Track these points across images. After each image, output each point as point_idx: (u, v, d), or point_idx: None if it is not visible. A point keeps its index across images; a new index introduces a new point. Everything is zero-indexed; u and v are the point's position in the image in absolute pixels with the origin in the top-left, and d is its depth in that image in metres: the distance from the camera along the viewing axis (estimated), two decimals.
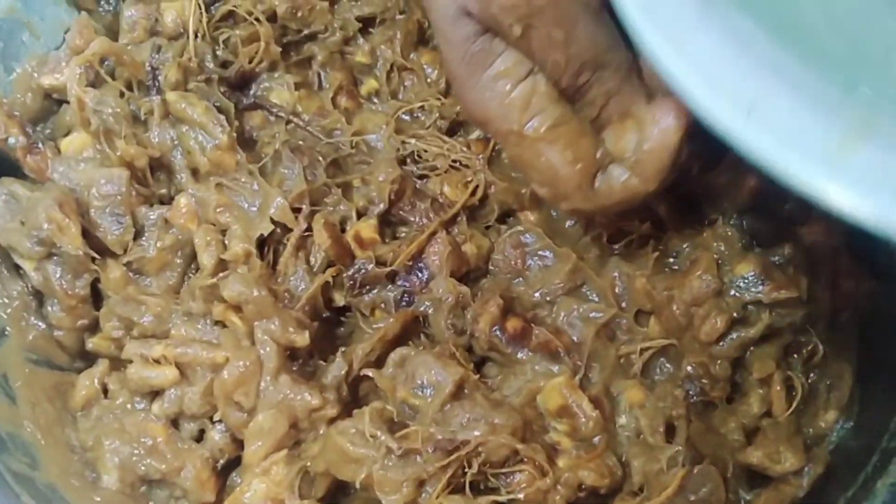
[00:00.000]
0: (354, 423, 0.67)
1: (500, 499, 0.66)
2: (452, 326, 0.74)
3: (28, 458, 0.72)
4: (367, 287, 0.76)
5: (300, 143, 0.81)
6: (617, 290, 0.76)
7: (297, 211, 0.77)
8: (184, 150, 0.79)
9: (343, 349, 0.73)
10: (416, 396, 0.68)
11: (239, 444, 0.69)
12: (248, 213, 0.78)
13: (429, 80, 0.85)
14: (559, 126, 0.62)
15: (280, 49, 0.85)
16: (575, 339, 0.74)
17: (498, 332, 0.73)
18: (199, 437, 0.73)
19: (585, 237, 0.80)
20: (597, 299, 0.76)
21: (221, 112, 0.79)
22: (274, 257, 0.77)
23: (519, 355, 0.73)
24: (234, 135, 0.78)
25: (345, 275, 0.76)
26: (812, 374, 0.80)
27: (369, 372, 0.71)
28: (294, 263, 0.76)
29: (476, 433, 0.65)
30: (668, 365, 0.76)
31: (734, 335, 0.74)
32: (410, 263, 0.76)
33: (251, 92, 0.85)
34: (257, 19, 0.84)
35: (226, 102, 0.81)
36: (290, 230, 0.76)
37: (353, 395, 0.73)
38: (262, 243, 0.76)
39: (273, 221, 0.76)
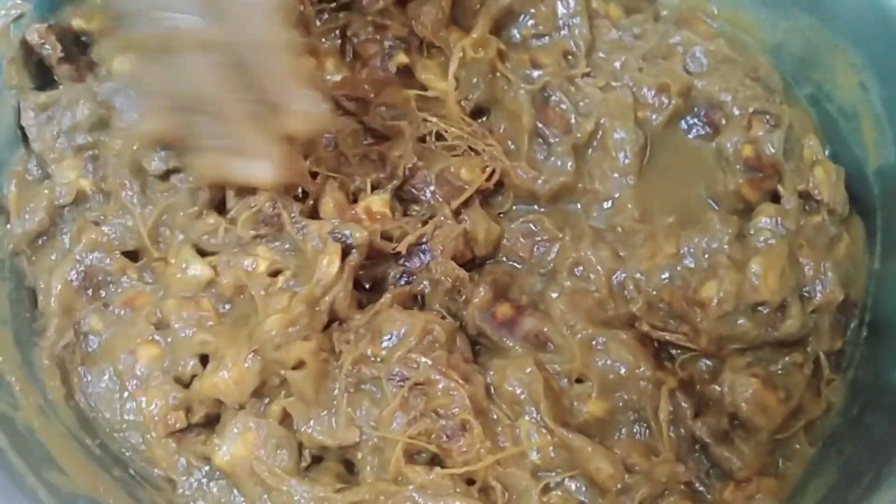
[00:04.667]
0: None
1: (457, 471, 0.64)
2: (446, 309, 0.73)
3: (10, 398, 0.71)
4: (372, 261, 0.74)
5: None
6: None
7: (314, 175, 0.75)
8: None
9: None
10: (384, 348, 0.68)
11: (218, 403, 0.68)
12: None
13: None
14: None
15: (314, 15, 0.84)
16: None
17: (487, 318, 0.72)
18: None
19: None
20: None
21: None
22: None
23: (508, 342, 0.71)
24: None
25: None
26: None
27: None
28: None
29: (434, 376, 0.65)
30: None
31: None
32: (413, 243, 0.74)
33: None
34: None
35: None
36: None
37: None
38: None
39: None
